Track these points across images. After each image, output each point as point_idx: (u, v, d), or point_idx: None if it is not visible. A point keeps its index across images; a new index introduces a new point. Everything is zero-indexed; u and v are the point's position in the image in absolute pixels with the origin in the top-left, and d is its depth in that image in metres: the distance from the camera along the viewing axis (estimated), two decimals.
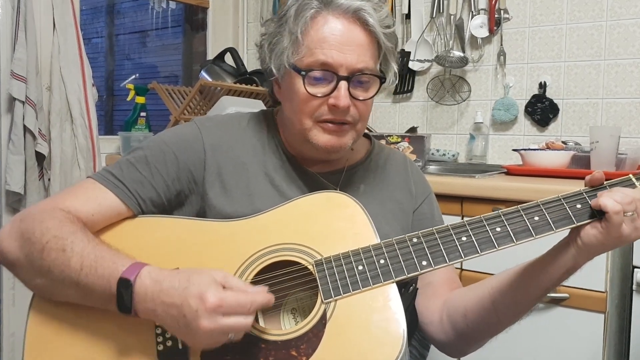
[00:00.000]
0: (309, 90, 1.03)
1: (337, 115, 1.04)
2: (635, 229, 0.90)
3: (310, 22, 1.03)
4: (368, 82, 1.06)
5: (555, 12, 2.34)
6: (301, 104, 1.05)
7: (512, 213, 0.95)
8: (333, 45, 1.01)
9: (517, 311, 1.04)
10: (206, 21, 3.15)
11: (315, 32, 1.02)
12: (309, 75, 1.03)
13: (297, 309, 1.03)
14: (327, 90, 1.03)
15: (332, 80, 1.03)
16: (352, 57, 1.02)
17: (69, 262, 0.90)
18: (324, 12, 1.03)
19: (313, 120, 1.06)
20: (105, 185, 1.04)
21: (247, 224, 1.02)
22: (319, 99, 1.04)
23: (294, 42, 1.04)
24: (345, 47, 1.01)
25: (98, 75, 3.41)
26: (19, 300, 2.21)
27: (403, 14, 2.66)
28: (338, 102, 1.02)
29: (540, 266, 0.99)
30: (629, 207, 0.88)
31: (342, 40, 1.02)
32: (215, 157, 1.10)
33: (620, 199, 0.88)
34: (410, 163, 1.26)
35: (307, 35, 1.03)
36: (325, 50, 1.01)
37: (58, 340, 0.95)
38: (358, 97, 1.05)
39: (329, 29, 1.02)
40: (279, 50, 1.06)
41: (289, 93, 1.08)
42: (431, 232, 0.96)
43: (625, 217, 0.88)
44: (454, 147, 2.60)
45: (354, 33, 1.02)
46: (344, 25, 1.02)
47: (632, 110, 2.19)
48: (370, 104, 1.09)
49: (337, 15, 1.03)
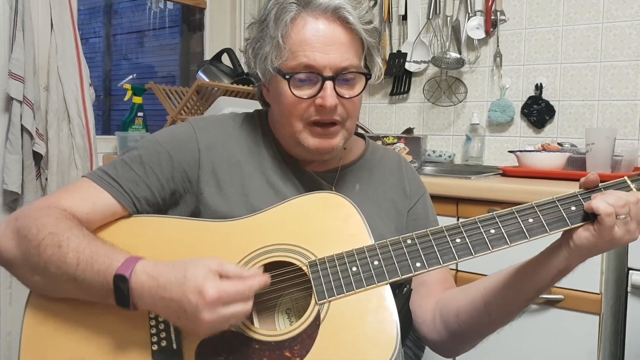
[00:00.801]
0: (295, 93, 1.03)
1: (325, 115, 1.05)
2: (628, 232, 0.90)
3: (290, 25, 1.02)
4: (353, 80, 1.06)
5: (551, 14, 2.34)
6: (289, 107, 1.05)
7: (506, 215, 0.95)
8: (315, 46, 1.01)
9: (509, 312, 1.04)
10: (203, 22, 3.15)
11: (296, 34, 1.02)
12: (294, 78, 1.03)
13: (291, 310, 1.03)
14: (313, 92, 1.03)
15: (317, 81, 1.03)
16: (336, 57, 1.02)
17: (65, 258, 0.91)
18: (303, 13, 1.03)
19: (303, 122, 1.06)
20: (100, 184, 1.04)
21: (241, 224, 1.02)
22: (306, 100, 1.04)
23: (275, 46, 1.04)
24: (328, 47, 1.02)
25: (95, 75, 3.42)
26: (15, 299, 2.21)
27: (400, 15, 2.67)
28: (325, 102, 1.02)
29: (533, 267, 0.99)
30: (622, 210, 0.88)
31: (324, 40, 1.02)
32: (210, 156, 1.10)
33: (613, 202, 0.88)
34: (404, 162, 1.27)
35: (288, 39, 1.03)
36: (307, 52, 1.01)
37: (54, 338, 0.95)
38: (344, 96, 1.05)
39: (309, 30, 1.02)
40: (263, 56, 1.06)
41: (277, 97, 1.08)
42: (425, 233, 0.96)
43: (618, 219, 0.88)
44: (450, 148, 2.60)
45: (335, 32, 1.02)
46: (324, 25, 1.02)
47: (628, 112, 2.20)
48: (358, 101, 1.09)
49: (316, 15, 1.03)
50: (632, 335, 1.62)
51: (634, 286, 1.60)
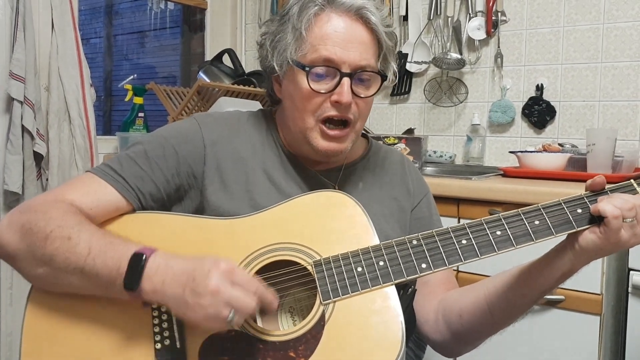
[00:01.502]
0: (312, 87, 1.04)
1: (340, 112, 1.05)
2: (635, 235, 0.90)
3: (313, 19, 1.04)
4: (369, 80, 1.07)
5: (552, 15, 2.35)
6: (304, 101, 1.06)
7: (512, 217, 0.94)
8: (336, 42, 1.02)
9: (512, 313, 1.04)
10: (204, 22, 3.15)
11: (319, 29, 1.03)
12: (313, 72, 1.03)
13: (295, 309, 1.03)
14: (330, 87, 1.04)
15: (335, 76, 1.04)
16: (355, 55, 1.03)
17: (74, 249, 0.90)
18: (327, 9, 1.04)
19: (315, 118, 1.06)
20: (105, 179, 1.04)
21: (246, 222, 1.02)
22: (322, 95, 1.04)
23: (297, 38, 1.04)
24: (348, 44, 1.03)
25: (96, 76, 3.42)
26: (16, 300, 2.20)
27: (401, 16, 2.67)
28: (341, 98, 1.03)
29: (537, 269, 0.99)
30: (629, 213, 0.88)
31: (345, 37, 1.03)
32: (214, 152, 1.10)
33: (620, 205, 0.88)
34: (407, 162, 1.27)
35: (310, 32, 1.04)
36: (328, 47, 1.02)
37: (55, 335, 0.94)
38: (360, 95, 1.05)
39: (332, 27, 1.03)
40: (282, 47, 1.07)
41: (292, 90, 1.08)
42: (431, 234, 0.96)
43: (624, 223, 0.88)
44: (451, 148, 2.60)
45: (356, 31, 1.04)
46: (346, 23, 1.03)
47: (629, 113, 2.20)
48: (371, 102, 1.10)
49: (340, 13, 1.04)
50: (633, 335, 1.62)
51: (634, 287, 1.60)
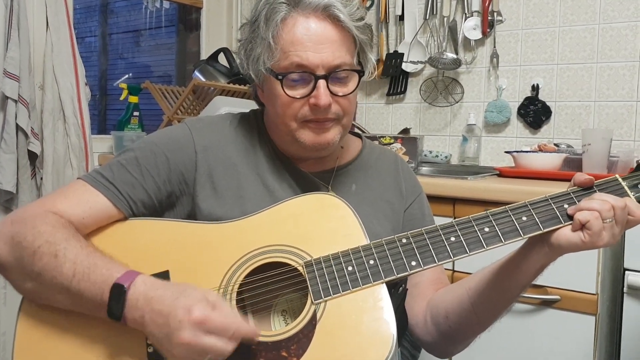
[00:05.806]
0: (288, 93, 1.03)
1: (320, 114, 1.04)
2: (613, 236, 0.90)
3: (281, 25, 1.02)
4: (346, 78, 1.06)
5: (548, 15, 2.35)
6: (283, 107, 1.05)
7: (500, 213, 0.95)
8: (307, 45, 1.01)
9: (495, 310, 1.05)
10: (200, 21, 3.14)
11: (287, 34, 1.02)
12: (287, 78, 1.03)
13: (287, 311, 1.03)
14: (307, 91, 1.03)
15: (310, 80, 1.03)
16: (328, 55, 1.01)
17: (61, 269, 0.90)
18: (293, 13, 1.02)
19: (297, 121, 1.06)
20: (96, 187, 1.03)
21: (237, 226, 1.02)
22: (300, 100, 1.03)
23: (267, 47, 1.03)
24: (319, 45, 1.01)
25: (91, 74, 3.40)
26: (10, 299, 2.20)
27: (396, 16, 2.66)
28: (319, 101, 1.02)
29: (514, 264, 0.99)
30: (608, 214, 0.89)
31: (315, 39, 1.01)
32: (206, 158, 1.09)
33: (599, 207, 0.89)
34: (401, 162, 1.26)
35: (279, 39, 1.02)
36: (299, 52, 1.01)
37: (48, 343, 0.94)
38: (338, 94, 1.04)
39: (300, 30, 1.01)
40: (255, 57, 1.06)
41: (271, 97, 1.08)
42: (420, 232, 0.96)
43: (605, 223, 0.89)
44: (447, 148, 2.60)
45: (326, 30, 1.02)
46: (315, 23, 1.02)
47: (624, 113, 2.20)
48: (353, 98, 1.09)
49: (307, 14, 1.02)
50: (628, 335, 1.62)
51: (630, 287, 1.60)
